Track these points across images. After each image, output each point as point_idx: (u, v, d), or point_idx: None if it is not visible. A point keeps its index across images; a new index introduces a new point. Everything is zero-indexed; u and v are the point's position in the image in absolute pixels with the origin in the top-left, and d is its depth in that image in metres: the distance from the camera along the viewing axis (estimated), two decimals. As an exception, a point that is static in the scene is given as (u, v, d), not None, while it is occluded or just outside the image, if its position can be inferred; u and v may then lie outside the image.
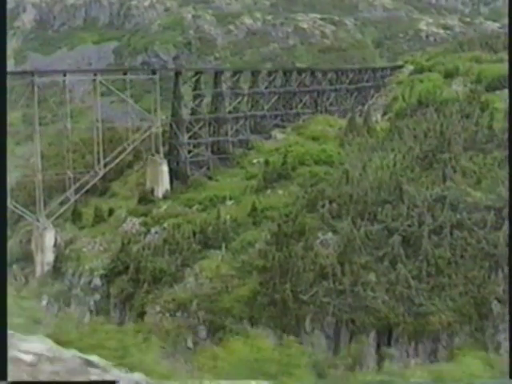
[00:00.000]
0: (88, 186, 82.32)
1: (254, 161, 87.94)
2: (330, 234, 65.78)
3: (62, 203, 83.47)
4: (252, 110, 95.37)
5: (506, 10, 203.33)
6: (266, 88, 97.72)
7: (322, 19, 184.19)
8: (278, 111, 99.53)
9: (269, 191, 78.55)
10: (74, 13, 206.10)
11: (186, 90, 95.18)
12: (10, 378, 7.46)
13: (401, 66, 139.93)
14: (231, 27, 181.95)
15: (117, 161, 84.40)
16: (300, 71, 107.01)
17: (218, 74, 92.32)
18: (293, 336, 59.70)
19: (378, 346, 57.39)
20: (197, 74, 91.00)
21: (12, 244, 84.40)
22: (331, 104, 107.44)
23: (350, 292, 58.42)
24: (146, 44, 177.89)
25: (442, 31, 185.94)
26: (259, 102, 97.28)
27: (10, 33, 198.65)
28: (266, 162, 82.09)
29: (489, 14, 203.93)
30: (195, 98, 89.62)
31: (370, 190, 67.51)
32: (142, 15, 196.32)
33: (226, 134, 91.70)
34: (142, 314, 65.12)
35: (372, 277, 59.60)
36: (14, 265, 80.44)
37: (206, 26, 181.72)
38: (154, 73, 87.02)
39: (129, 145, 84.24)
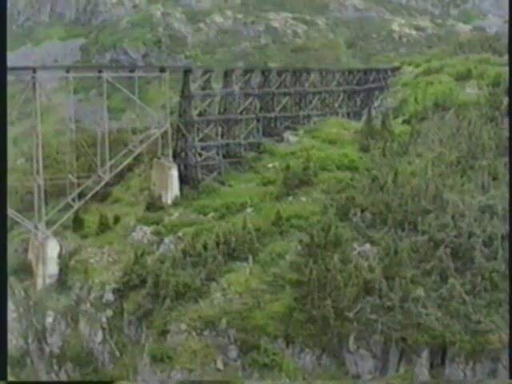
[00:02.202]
0: (93, 192, 79.31)
1: (270, 165, 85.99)
2: (367, 246, 63.64)
3: (59, 210, 79.81)
4: (262, 111, 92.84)
5: (475, 13, 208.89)
6: (277, 88, 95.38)
7: (293, 18, 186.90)
8: (289, 112, 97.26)
9: (290, 198, 76.68)
10: (39, 8, 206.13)
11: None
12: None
13: (398, 68, 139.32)
14: (201, 25, 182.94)
15: (123, 164, 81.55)
16: (309, 71, 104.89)
17: (228, 73, 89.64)
18: (333, 356, 57.99)
19: (432, 366, 55.29)
20: (206, 72, 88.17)
21: (7, 255, 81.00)
22: (340, 106, 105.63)
23: (399, 308, 56.32)
24: (114, 41, 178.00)
25: (414, 32, 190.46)
26: (269, 103, 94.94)
27: None
28: (287, 167, 79.97)
29: (458, 16, 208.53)
30: (204, 97, 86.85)
31: (409, 199, 65.44)
32: (110, 12, 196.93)
33: (237, 137, 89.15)
34: (164, 333, 62.04)
35: (421, 292, 57.57)
36: (12, 276, 77.09)
37: (175, 24, 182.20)
38: (162, 70, 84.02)
39: (135, 147, 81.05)
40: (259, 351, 58.69)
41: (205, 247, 67.73)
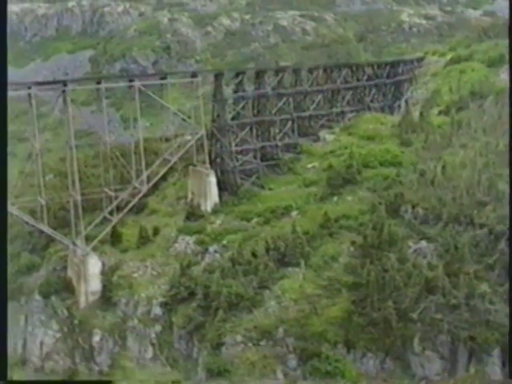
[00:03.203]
0: (131, 204, 78.16)
1: (309, 165, 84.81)
2: (423, 243, 62.28)
3: (91, 223, 78.57)
4: (295, 110, 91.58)
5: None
6: (310, 86, 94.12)
7: (301, 16, 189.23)
8: (323, 110, 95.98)
9: (335, 198, 75.37)
10: (45, 23, 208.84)
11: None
12: None
13: (422, 58, 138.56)
14: (209, 29, 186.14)
15: (161, 174, 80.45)
16: (340, 67, 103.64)
17: (260, 74, 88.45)
18: (398, 359, 56.79)
19: (504, 365, 53.86)
20: (238, 74, 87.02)
21: (46, 273, 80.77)
22: (372, 100, 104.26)
23: (465, 306, 54.96)
24: (123, 50, 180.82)
25: (424, 22, 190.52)
26: (303, 102, 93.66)
27: None
28: (329, 167, 78.87)
29: (467, 2, 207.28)
30: (237, 100, 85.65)
31: (463, 191, 64.01)
32: (117, 21, 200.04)
33: (273, 138, 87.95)
34: (218, 346, 60.93)
35: (486, 287, 56.23)
36: (53, 296, 76.25)
37: (183, 29, 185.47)
38: (194, 75, 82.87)
39: (171, 155, 79.84)
40: (320, 359, 57.51)
41: (254, 254, 66.81)
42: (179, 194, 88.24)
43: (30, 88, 73.07)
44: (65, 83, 76.04)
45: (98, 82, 77.18)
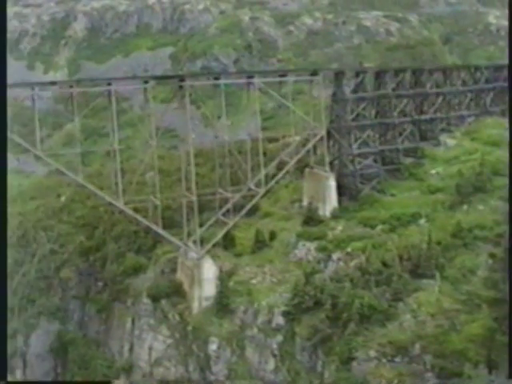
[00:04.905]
0: (248, 207, 76.40)
1: (432, 171, 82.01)
2: None
3: (202, 225, 77.02)
4: (415, 112, 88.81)
5: None
6: (431, 88, 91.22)
7: (384, 16, 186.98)
8: (443, 114, 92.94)
9: (465, 207, 72.25)
10: (126, 19, 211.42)
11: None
12: None
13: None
14: (291, 28, 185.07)
15: (279, 176, 78.64)
16: (459, 68, 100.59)
17: (380, 74, 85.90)
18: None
19: None
20: (358, 74, 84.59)
21: (154, 275, 79.34)
22: (491, 104, 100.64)
23: None
24: (204, 48, 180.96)
25: None
26: (423, 104, 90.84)
27: (61, 42, 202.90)
28: (459, 173, 75.78)
29: None
30: (356, 101, 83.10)
31: None
32: (197, 19, 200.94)
33: (394, 142, 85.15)
34: (348, 360, 58.69)
35: None
36: (163, 300, 74.65)
37: (265, 28, 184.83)
38: (314, 74, 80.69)
39: (291, 157, 77.90)
40: (461, 379, 54.85)
41: (384, 264, 64.17)
42: (293, 196, 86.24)
43: (110, 84, 71.78)
44: (146, 80, 75.16)
45: (182, 80, 75.29)
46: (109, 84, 72.05)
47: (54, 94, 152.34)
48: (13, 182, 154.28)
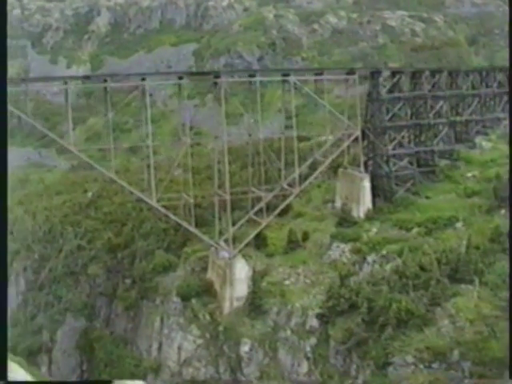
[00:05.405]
0: (282, 206, 75.93)
1: (468, 174, 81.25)
2: None
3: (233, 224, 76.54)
4: (451, 114, 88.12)
5: None
6: (467, 90, 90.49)
7: (409, 16, 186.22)
8: (478, 116, 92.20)
9: (503, 211, 71.25)
10: (149, 15, 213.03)
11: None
12: None
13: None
14: (315, 26, 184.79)
15: (314, 175, 78.02)
16: (495, 70, 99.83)
17: (416, 75, 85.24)
18: None
19: None
20: (394, 74, 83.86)
21: (184, 274, 78.92)
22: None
23: None
24: (228, 45, 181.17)
25: None
26: (459, 106, 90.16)
27: (84, 37, 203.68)
28: (496, 177, 74.88)
29: None
30: (393, 101, 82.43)
31: None
32: (221, 16, 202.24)
33: (429, 143, 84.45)
34: (384, 365, 57.99)
35: None
36: (193, 299, 74.23)
37: (289, 26, 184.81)
38: (350, 73, 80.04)
39: (326, 156, 77.30)
40: (500, 387, 54.09)
41: (421, 267, 63.37)
42: (326, 197, 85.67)
43: (144, 79, 71.36)
44: (181, 76, 75.08)
45: (217, 76, 74.68)
46: (143, 79, 71.71)
47: (76, 89, 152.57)
48: (34, 176, 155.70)
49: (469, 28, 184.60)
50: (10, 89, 69.21)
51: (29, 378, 36.58)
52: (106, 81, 70.66)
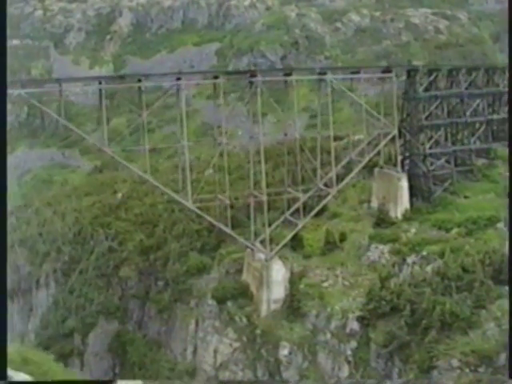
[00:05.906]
0: (318, 208, 75.48)
1: (507, 173, 79.58)
2: None
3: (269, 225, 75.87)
4: (488, 112, 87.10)
5: None
6: (504, 87, 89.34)
7: (433, 14, 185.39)
8: None
9: (545, 212, 70.09)
10: (171, 15, 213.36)
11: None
12: None
13: None
14: (338, 25, 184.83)
15: (351, 175, 77.35)
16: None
17: (452, 73, 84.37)
18: None
19: None
20: (431, 72, 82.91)
21: (218, 276, 78.43)
22: None
23: None
24: (250, 44, 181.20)
25: None
26: (496, 104, 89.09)
27: (107, 38, 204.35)
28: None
29: None
30: (430, 99, 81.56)
31: None
32: (243, 15, 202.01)
33: (466, 142, 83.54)
34: (428, 369, 57.13)
35: None
36: (229, 302, 73.73)
37: (311, 25, 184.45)
38: (387, 71, 79.37)
39: (363, 156, 76.50)
40: (548, 391, 53.02)
41: (464, 269, 62.40)
42: (361, 197, 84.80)
43: (179, 79, 70.85)
44: (216, 76, 74.45)
45: (252, 75, 73.97)
46: (178, 79, 71.25)
47: (97, 89, 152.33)
48: (58, 177, 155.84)
49: (493, 25, 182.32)
50: (38, 90, 70.14)
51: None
52: (140, 80, 70.22)
